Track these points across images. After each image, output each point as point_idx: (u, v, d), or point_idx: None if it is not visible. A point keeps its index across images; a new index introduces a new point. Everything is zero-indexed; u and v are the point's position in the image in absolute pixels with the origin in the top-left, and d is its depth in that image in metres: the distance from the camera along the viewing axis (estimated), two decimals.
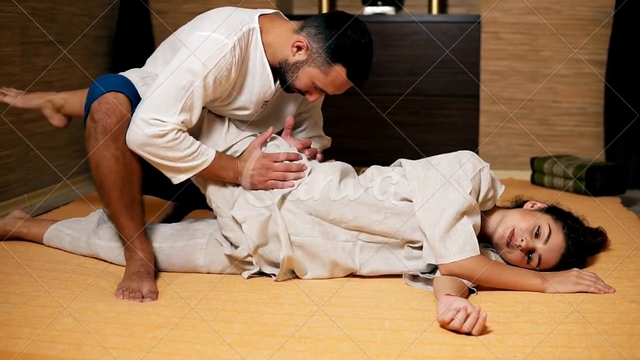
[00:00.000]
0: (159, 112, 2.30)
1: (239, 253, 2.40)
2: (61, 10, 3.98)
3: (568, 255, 2.36)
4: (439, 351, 1.84)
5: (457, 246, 2.24)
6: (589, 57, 4.45)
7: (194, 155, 2.37)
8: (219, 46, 2.33)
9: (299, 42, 2.41)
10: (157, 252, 2.48)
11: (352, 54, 2.41)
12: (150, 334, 1.93)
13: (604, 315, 2.05)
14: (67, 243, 2.65)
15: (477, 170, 2.35)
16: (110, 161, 2.33)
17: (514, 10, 4.51)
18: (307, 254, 2.39)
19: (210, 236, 2.48)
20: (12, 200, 3.60)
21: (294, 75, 2.45)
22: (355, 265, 2.39)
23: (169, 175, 2.40)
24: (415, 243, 2.37)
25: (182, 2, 4.70)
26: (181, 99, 2.31)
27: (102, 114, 2.32)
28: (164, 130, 2.30)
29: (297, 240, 2.38)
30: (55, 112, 2.87)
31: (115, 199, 2.37)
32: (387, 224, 2.36)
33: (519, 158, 4.59)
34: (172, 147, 2.32)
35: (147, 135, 2.30)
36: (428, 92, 4.61)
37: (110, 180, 2.35)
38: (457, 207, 2.26)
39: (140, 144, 2.32)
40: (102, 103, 2.33)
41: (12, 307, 2.09)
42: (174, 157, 2.34)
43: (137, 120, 2.31)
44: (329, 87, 2.45)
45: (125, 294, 2.25)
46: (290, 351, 1.84)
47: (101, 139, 2.32)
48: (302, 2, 5.08)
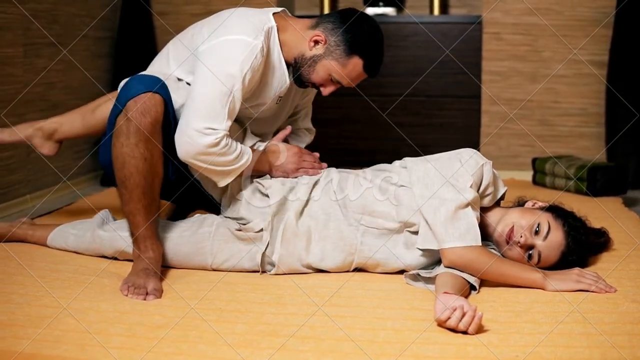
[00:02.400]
0: (210, 121, 2.34)
1: (254, 226, 2.45)
2: (62, 12, 3.99)
3: (568, 252, 2.36)
4: (441, 351, 1.84)
5: (459, 232, 2.26)
6: (589, 58, 4.46)
7: (240, 157, 2.44)
8: (250, 47, 2.39)
9: (317, 36, 2.50)
10: (164, 241, 2.50)
11: (369, 46, 2.51)
12: (153, 333, 1.94)
13: (605, 315, 2.06)
14: (71, 241, 2.66)
15: (479, 165, 2.37)
16: (139, 161, 2.33)
17: (515, 11, 4.52)
18: (319, 224, 2.45)
19: (217, 225, 2.51)
20: (13, 201, 3.60)
21: (311, 69, 2.53)
22: (357, 240, 2.43)
23: (217, 179, 2.46)
24: (412, 227, 2.39)
25: (183, 3, 4.71)
26: (226, 104, 2.36)
27: (138, 113, 2.32)
28: (217, 138, 2.34)
29: (313, 209, 2.46)
30: (46, 140, 2.86)
31: (136, 199, 2.37)
32: (387, 204, 2.41)
33: (520, 158, 4.60)
34: (225, 152, 2.38)
35: (204, 145, 2.34)
36: (429, 93, 4.61)
37: (135, 180, 2.35)
38: (457, 199, 2.29)
39: (194, 154, 2.36)
40: (139, 102, 2.34)
41: (16, 307, 2.10)
42: (225, 161, 2.40)
43: (190, 131, 2.34)
44: (346, 78, 2.53)
45: (130, 289, 2.26)
46: (292, 351, 1.84)
47: (133, 137, 2.32)
48: (303, 3, 5.08)
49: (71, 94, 4.06)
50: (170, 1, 4.72)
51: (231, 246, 2.48)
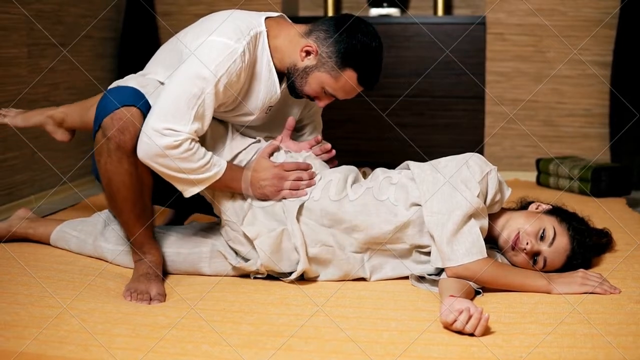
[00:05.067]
0: (172, 122, 2.22)
1: (249, 266, 2.39)
2: (67, 12, 3.99)
3: (573, 256, 2.36)
4: (445, 352, 1.84)
5: (464, 248, 2.24)
6: (594, 59, 4.45)
7: (207, 167, 2.30)
8: (229, 51, 2.27)
9: (308, 46, 2.37)
10: (163, 257, 2.49)
11: (362, 59, 2.36)
12: (157, 334, 1.94)
13: (609, 316, 2.06)
14: (73, 245, 2.66)
15: (484, 173, 2.35)
16: (124, 177, 2.28)
17: (519, 11, 4.52)
18: (321, 264, 2.40)
19: (212, 246, 2.47)
20: (18, 201, 3.61)
21: (303, 81, 2.40)
22: (366, 274, 2.41)
23: (181, 188, 2.33)
24: (423, 248, 2.37)
25: (187, 4, 4.71)
26: (193, 106, 2.24)
27: (116, 132, 2.24)
28: (178, 140, 2.22)
29: (312, 252, 2.37)
30: (58, 127, 2.85)
31: (127, 210, 2.34)
32: (396, 236, 2.36)
33: (524, 159, 4.59)
34: (186, 157, 2.24)
35: (161, 146, 2.21)
36: (433, 94, 4.61)
37: (123, 194, 2.31)
38: (465, 209, 2.26)
39: (152, 156, 2.23)
40: (115, 119, 2.25)
41: (20, 308, 2.10)
42: (188, 168, 2.27)
43: (149, 130, 2.22)
44: (339, 92, 2.41)
45: (134, 295, 2.24)
46: (296, 351, 1.85)
47: (114, 156, 2.25)
48: (307, 4, 5.08)
49: (76, 95, 4.06)
50: (174, 2, 4.72)
51: (230, 268, 2.46)
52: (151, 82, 2.42)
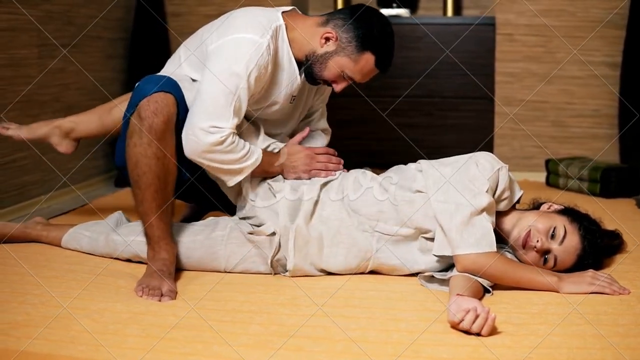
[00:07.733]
0: (215, 119, 2.37)
1: (265, 230, 2.46)
2: (77, 13, 4.00)
3: (584, 256, 2.36)
4: (455, 352, 1.84)
5: (474, 238, 2.25)
6: (603, 59, 4.45)
7: (248, 155, 2.46)
8: (256, 46, 2.41)
9: (329, 33, 2.52)
10: (177, 245, 2.50)
11: (380, 42, 2.52)
12: (167, 334, 1.95)
13: (618, 316, 2.06)
14: (85, 243, 2.67)
15: (495, 170, 2.36)
16: (151, 160, 2.36)
17: (528, 12, 4.51)
18: (330, 230, 2.44)
19: (230, 229, 2.52)
20: (28, 202, 3.62)
21: (323, 66, 2.54)
22: (372, 247, 2.43)
23: (226, 178, 2.48)
24: (427, 233, 2.39)
25: (197, 4, 4.72)
26: (231, 103, 2.38)
27: (150, 112, 2.35)
28: (223, 136, 2.37)
29: (324, 214, 2.46)
30: (63, 138, 2.88)
31: (149, 198, 2.39)
32: (401, 211, 2.40)
33: (534, 160, 4.59)
34: (230, 150, 2.40)
35: (209, 143, 2.37)
36: (442, 94, 4.61)
37: (148, 179, 2.37)
38: (472, 204, 2.27)
39: (200, 152, 2.39)
40: (151, 102, 2.36)
41: (31, 308, 2.11)
42: (232, 159, 2.42)
43: (195, 129, 2.37)
44: (358, 74, 2.55)
45: (145, 290, 2.27)
46: (306, 352, 1.85)
47: (145, 137, 2.34)
48: (316, 4, 5.09)
49: (86, 95, 4.08)
50: (184, 2, 4.73)
51: (244, 250, 2.49)
52: (185, 78, 2.55)
